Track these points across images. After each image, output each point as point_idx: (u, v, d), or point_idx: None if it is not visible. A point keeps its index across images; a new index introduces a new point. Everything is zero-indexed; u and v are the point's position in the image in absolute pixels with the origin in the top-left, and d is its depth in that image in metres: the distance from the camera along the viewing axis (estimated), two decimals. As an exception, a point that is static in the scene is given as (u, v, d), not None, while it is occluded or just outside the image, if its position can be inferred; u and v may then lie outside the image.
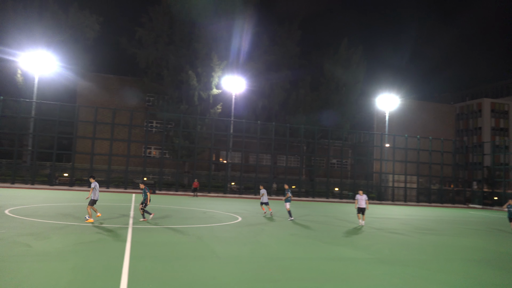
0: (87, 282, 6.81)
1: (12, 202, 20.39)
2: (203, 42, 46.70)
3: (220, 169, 52.08)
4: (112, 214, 17.33)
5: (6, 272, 7.11)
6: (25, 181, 38.00)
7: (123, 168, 42.22)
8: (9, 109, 40.41)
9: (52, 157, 39.42)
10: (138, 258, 8.85)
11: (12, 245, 9.48)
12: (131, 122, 41.92)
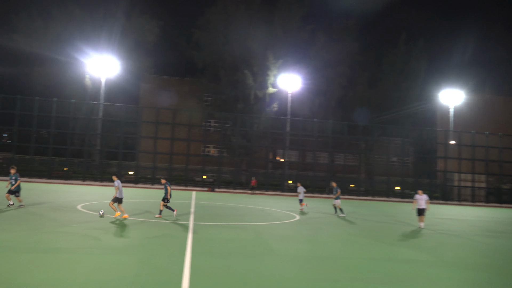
0: (152, 275, 7.09)
1: (84, 198, 21.74)
2: (258, 41, 47.02)
3: (277, 167, 52.19)
4: (173, 211, 17.93)
5: (77, 263, 7.58)
6: (94, 178, 40.39)
7: (183, 167, 43.59)
8: (79, 111, 43.12)
9: (118, 156, 41.60)
10: (199, 253, 9.08)
11: (84, 238, 10.10)
12: (190, 122, 43.19)
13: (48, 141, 41.31)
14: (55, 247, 8.85)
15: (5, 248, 8.47)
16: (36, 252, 8.26)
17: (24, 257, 7.78)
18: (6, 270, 6.83)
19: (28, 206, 16.02)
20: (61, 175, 40.42)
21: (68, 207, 16.83)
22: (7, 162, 41.65)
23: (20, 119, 39.94)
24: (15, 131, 40.43)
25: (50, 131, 40.58)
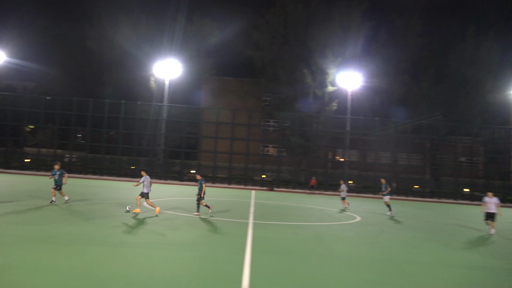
0: (214, 271, 7.27)
1: (150, 195, 22.73)
2: (317, 39, 46.52)
3: (336, 167, 51.32)
4: (233, 209, 18.25)
5: (143, 257, 7.96)
6: (159, 176, 42.14)
7: (243, 166, 44.20)
8: (145, 112, 45.20)
9: (181, 155, 43.09)
10: (258, 252, 9.17)
11: (149, 234, 10.57)
12: (249, 121, 43.72)
13: (117, 141, 43.76)
14: (123, 241, 9.35)
15: (78, 241, 9.08)
16: (106, 246, 8.77)
17: (96, 250, 8.30)
18: (81, 262, 7.33)
19: (97, 202, 17.04)
20: (129, 173, 42.60)
21: (135, 203, 17.68)
22: (81, 161, 44.65)
23: (93, 120, 42.62)
24: (88, 131, 43.21)
25: (118, 131, 42.92)
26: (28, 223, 11.07)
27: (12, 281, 5.96)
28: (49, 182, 25.40)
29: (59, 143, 44.46)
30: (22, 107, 42.43)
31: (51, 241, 8.86)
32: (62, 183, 15.84)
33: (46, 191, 21.19)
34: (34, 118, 43.39)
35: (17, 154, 44.73)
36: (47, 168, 42.00)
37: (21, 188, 21.75)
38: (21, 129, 45.21)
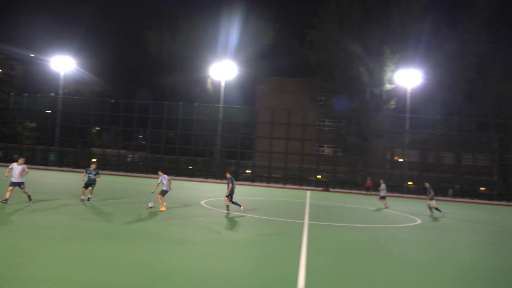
0: (269, 271, 7.30)
1: (207, 194, 23.32)
2: (374, 36, 45.25)
3: (395, 167, 49.62)
4: (289, 210, 18.22)
5: (202, 255, 8.16)
6: (216, 176, 43.04)
7: (298, 166, 43.99)
8: (202, 113, 46.35)
9: (236, 155, 43.74)
10: (314, 253, 9.08)
11: (207, 232, 10.82)
12: (304, 121, 43.45)
13: (175, 142, 45.27)
14: (182, 239, 9.65)
15: (141, 237, 9.50)
16: (168, 242, 9.09)
17: (158, 246, 8.63)
18: (144, 258, 7.65)
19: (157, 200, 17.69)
20: (187, 173, 43.90)
21: (193, 202, 18.19)
22: (142, 161, 46.65)
23: (153, 122, 44.41)
24: (148, 132, 45.07)
25: (177, 132, 44.38)
26: (95, 218, 11.74)
27: (81, 274, 6.35)
28: (114, 180, 26.81)
29: (122, 143, 46.78)
30: (89, 110, 45.10)
31: (117, 236, 9.33)
32: (95, 182, 15.96)
33: (110, 189, 22.38)
34: (99, 120, 45.96)
35: (84, 154, 47.61)
36: (111, 167, 44.34)
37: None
38: (88, 130, 48.03)
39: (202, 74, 49.72)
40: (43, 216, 11.71)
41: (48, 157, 45.17)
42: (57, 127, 46.25)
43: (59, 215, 12.08)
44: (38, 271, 6.24)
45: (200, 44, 50.03)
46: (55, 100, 48.16)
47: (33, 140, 47.94)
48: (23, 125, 47.67)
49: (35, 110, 46.66)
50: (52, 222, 10.73)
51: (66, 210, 13.08)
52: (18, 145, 46.79)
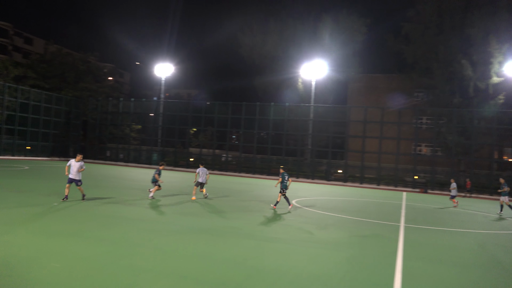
0: (362, 274, 7.07)
1: (297, 194, 23.36)
2: (478, 26, 41.42)
3: (505, 168, 44.99)
4: (383, 211, 17.50)
5: (293, 254, 8.18)
6: (306, 176, 42.94)
7: (393, 166, 42.02)
8: (292, 113, 46.51)
9: (327, 155, 43.16)
10: (411, 257, 8.61)
11: (298, 231, 10.84)
12: (399, 119, 41.34)
13: (267, 142, 46.05)
14: (274, 237, 9.79)
15: (234, 234, 9.82)
16: (259, 240, 9.30)
17: (251, 244, 8.87)
18: (237, 254, 7.91)
19: (249, 199, 18.15)
20: (278, 172, 44.36)
21: (284, 201, 18.32)
22: (235, 160, 48.27)
23: (245, 122, 45.68)
24: (241, 133, 46.47)
25: (268, 132, 45.11)
26: (192, 214, 12.42)
27: (179, 266, 6.76)
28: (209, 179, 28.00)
29: (217, 143, 48.87)
30: (186, 112, 47.82)
31: (213, 232, 9.77)
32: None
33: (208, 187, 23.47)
34: (196, 122, 48.51)
35: (183, 154, 50.63)
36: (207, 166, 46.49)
37: (187, 184, 24.53)
38: (187, 131, 50.91)
39: (292, 74, 49.92)
40: (146, 210, 12.70)
41: (152, 157, 48.84)
42: (159, 129, 49.82)
43: (160, 210, 13.01)
44: (143, 262, 6.78)
45: (290, 44, 50.28)
46: (157, 103, 51.94)
47: (138, 141, 52.21)
48: (130, 127, 52.16)
49: (140, 114, 50.87)
50: (155, 217, 11.59)
51: (166, 206, 14.04)
52: (126, 145, 51.26)
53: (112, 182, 22.31)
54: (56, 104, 48.01)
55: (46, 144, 46.85)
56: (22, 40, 73.24)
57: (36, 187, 17.07)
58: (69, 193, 13.79)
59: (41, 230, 8.65)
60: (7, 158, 40.13)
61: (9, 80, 46.77)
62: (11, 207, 11.40)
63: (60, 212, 11.16)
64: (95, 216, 10.94)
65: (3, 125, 42.02)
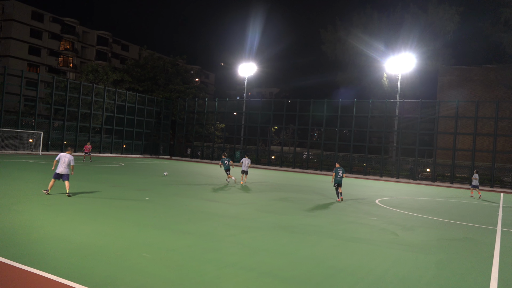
0: (452, 280, 6.60)
1: (381, 193, 22.50)
2: None
3: None
4: (477, 213, 16.19)
5: (375, 255, 7.89)
6: (391, 174, 41.15)
7: (489, 165, 38.64)
8: (377, 109, 44.85)
9: (414, 153, 40.92)
10: (510, 265, 7.84)
11: (382, 232, 10.43)
12: (497, 114, 37.83)
13: (349, 139, 44.92)
14: (356, 237, 9.53)
15: (315, 232, 9.74)
16: (340, 239, 9.12)
17: (332, 243, 8.73)
18: (318, 252, 7.84)
19: (333, 198, 17.85)
20: (360, 170, 43.12)
21: (367, 201, 17.78)
22: (316, 158, 47.82)
23: (327, 120, 45.02)
24: (322, 130, 45.90)
25: (350, 129, 43.99)
26: (273, 211, 12.56)
27: (260, 262, 6.88)
28: (290, 176, 28.08)
29: (298, 141, 48.79)
30: (268, 111, 48.41)
31: (294, 230, 9.80)
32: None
33: (288, 185, 23.58)
34: (278, 120, 48.89)
35: (265, 152, 51.36)
36: (288, 164, 46.70)
37: (266, 180, 24.83)
38: (268, 129, 51.57)
39: (377, 69, 48.10)
40: (229, 207, 13.11)
41: (234, 155, 50.25)
42: (242, 127, 51.10)
43: (243, 207, 13.35)
44: (226, 256, 7.01)
45: (375, 38, 48.47)
46: (240, 102, 53.33)
47: (222, 139, 53.98)
48: (215, 126, 54.18)
49: (224, 113, 52.59)
50: (237, 213, 11.92)
51: (249, 204, 14.36)
52: (210, 143, 53.37)
53: (197, 179, 23.37)
54: (148, 105, 51.60)
55: (139, 143, 50.59)
56: (120, 47, 79.55)
57: (130, 182, 18.47)
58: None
59: (133, 222, 9.34)
60: (106, 155, 44.03)
61: (108, 84, 51.24)
62: (108, 200, 12.47)
63: (150, 206, 11.95)
64: (182, 211, 11.55)
65: (103, 125, 46.15)
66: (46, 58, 66.51)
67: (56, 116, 43.37)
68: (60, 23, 68.59)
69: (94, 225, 8.70)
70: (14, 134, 36.13)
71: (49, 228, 8.03)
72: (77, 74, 67.82)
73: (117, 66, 69.48)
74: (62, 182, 13.16)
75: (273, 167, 45.13)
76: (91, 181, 17.19)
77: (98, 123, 46.53)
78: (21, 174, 17.97)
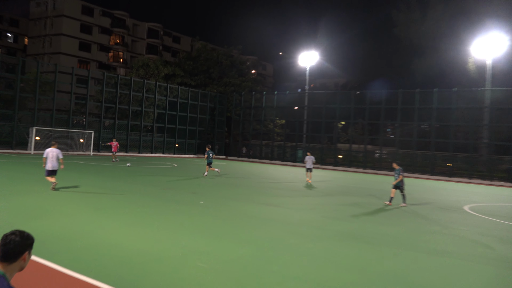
0: None
1: (471, 198, 21.30)
2: None
3: None
4: None
5: (466, 273, 7.41)
6: (482, 176, 38.87)
7: None
8: (462, 100, 42.56)
9: (510, 151, 38.35)
10: None
11: (473, 244, 9.82)
12: None
13: (429, 135, 43.02)
14: (441, 250, 9.02)
15: (389, 243, 9.36)
16: (420, 252, 8.67)
17: (412, 256, 8.33)
18: (396, 267, 7.50)
19: (413, 203, 17.14)
20: (444, 171, 41.13)
21: (454, 207, 16.89)
22: (391, 157, 46.33)
23: (402, 113, 43.46)
24: (397, 125, 44.38)
25: (431, 123, 42.09)
26: (341, 218, 12.27)
27: (330, 276, 6.69)
28: (360, 178, 27.39)
29: (369, 138, 47.59)
30: (334, 104, 47.65)
31: (366, 240, 9.48)
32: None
33: (356, 188, 23.07)
34: (345, 114, 47.97)
35: (330, 150, 50.66)
36: (358, 164, 45.70)
37: (332, 183, 24.45)
38: (334, 125, 50.81)
39: (460, 53, 45.66)
40: (292, 212, 13.00)
41: (296, 154, 50.01)
42: (304, 123, 50.72)
43: (307, 212, 13.19)
44: (289, 268, 6.91)
45: (458, 17, 46.06)
46: (302, 96, 53.01)
47: (282, 136, 53.98)
48: (274, 122, 54.31)
49: (284, 107, 52.51)
50: (301, 219, 11.77)
51: (313, 209, 14.17)
52: (269, 142, 53.56)
53: (255, 181, 23.50)
54: (201, 101, 52.94)
55: (192, 142, 51.99)
56: (171, 39, 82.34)
57: (183, 184, 18.95)
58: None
59: (188, 228, 9.52)
60: (158, 156, 45.70)
61: (159, 79, 53.19)
62: (161, 204, 12.86)
63: (205, 211, 12.15)
64: (240, 217, 11.62)
65: (154, 123, 47.93)
66: (96, 53, 70.36)
67: (106, 115, 45.66)
68: (110, 16, 72.26)
69: (146, 231, 8.98)
70: (65, 134, 38.51)
71: (101, 233, 8.39)
72: (128, 69, 71.07)
73: (169, 59, 71.84)
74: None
75: (340, 168, 44.36)
76: (141, 184, 17.85)
77: (150, 121, 48.42)
78: (72, 176, 19.05)
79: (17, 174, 19.23)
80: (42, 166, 14.14)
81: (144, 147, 46.76)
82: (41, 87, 41.47)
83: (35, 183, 15.39)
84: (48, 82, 43.71)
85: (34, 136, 35.20)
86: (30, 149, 34.89)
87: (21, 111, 39.09)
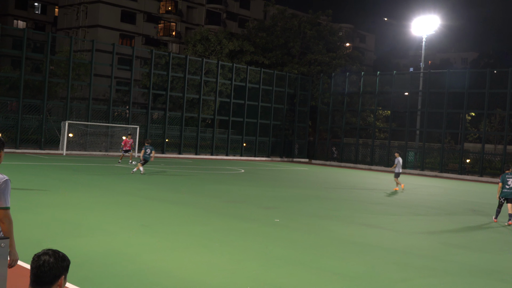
0: None
1: None
2: None
3: None
4: None
5: None
6: None
7: None
8: None
9: None
10: None
11: None
12: None
13: None
14: None
15: None
16: None
17: None
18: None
19: None
20: None
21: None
22: None
23: None
24: None
25: None
26: (469, 246, 11.90)
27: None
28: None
29: (510, 136, 45.29)
30: (460, 88, 45.61)
31: (503, 278, 9.15)
32: None
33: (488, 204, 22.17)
34: (477, 102, 46.02)
35: (454, 152, 48.81)
36: (495, 172, 43.57)
37: (459, 199, 23.66)
38: (460, 118, 49.01)
39: None
40: (399, 236, 12.79)
41: (407, 156, 48.35)
42: (418, 115, 49.06)
43: (420, 237, 12.91)
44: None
45: None
46: (415, 77, 51.09)
47: (386, 133, 52.78)
48: (375, 113, 53.01)
49: (390, 93, 50.89)
50: (412, 246, 11.55)
51: (431, 232, 13.84)
52: (369, 140, 52.46)
53: (350, 193, 23.32)
54: (277, 86, 52.43)
55: (265, 140, 51.81)
56: (238, 3, 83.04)
57: (253, 196, 19.26)
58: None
59: (257, 254, 9.68)
60: (220, 158, 46.20)
61: (222, 58, 53.58)
62: (223, 220, 13.19)
63: (281, 231, 12.27)
64: (326, 240, 11.64)
65: (216, 115, 48.33)
66: (143, 25, 72.94)
67: (155, 105, 46.85)
68: (159, -24, 74.57)
69: (204, 255, 9.25)
70: (104, 130, 39.95)
71: (148, 257, 8.74)
72: (182, 45, 73.03)
73: (235, 31, 72.85)
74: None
75: (467, 177, 42.66)
76: (199, 194, 18.36)
77: (210, 112, 48.87)
78: (112, 183, 20.00)
79: (46, 180, 20.24)
80: (79, 170, 14.96)
81: (202, 147, 47.33)
82: (75, 70, 42.79)
83: (69, 193, 16.26)
84: (83, 63, 45.16)
85: (67, 132, 36.44)
86: (61, 148, 36.21)
87: (51, 101, 40.68)
